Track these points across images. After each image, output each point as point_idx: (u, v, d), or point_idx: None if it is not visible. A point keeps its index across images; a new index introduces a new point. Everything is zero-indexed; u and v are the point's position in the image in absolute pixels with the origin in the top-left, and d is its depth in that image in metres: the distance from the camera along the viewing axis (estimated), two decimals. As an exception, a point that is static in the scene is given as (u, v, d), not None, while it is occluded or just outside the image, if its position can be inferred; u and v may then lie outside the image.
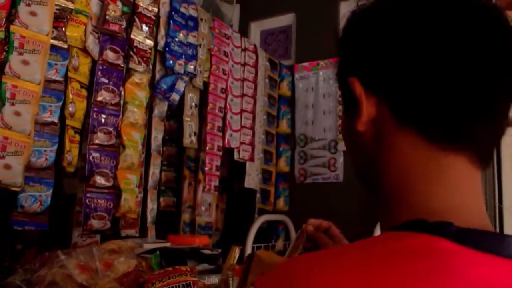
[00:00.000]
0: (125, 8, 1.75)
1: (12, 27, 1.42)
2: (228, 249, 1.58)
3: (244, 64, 2.34)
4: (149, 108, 1.90)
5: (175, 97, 1.95)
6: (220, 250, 1.44)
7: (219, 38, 2.20)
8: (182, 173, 2.16)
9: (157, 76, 1.91)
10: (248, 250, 2.03)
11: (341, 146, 2.57)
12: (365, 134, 0.56)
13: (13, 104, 1.41)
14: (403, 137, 0.53)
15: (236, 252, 1.55)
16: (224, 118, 2.20)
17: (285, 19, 2.96)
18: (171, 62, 1.92)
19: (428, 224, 0.47)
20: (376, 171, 0.56)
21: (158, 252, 1.21)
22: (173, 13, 1.95)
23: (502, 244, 0.46)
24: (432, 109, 0.50)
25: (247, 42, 2.37)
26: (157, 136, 1.95)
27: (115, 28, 1.70)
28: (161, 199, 2.04)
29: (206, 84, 2.12)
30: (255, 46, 2.44)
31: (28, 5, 1.45)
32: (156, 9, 1.88)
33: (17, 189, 1.44)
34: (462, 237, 0.45)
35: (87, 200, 1.63)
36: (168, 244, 1.50)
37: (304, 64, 2.77)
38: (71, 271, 1.19)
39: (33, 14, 1.46)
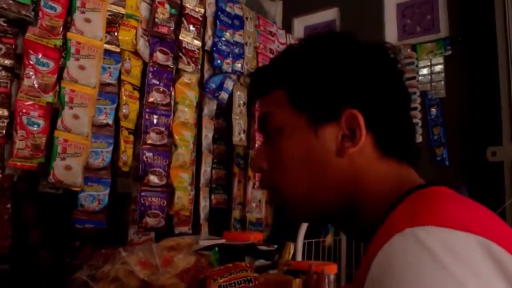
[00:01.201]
0: (173, 10, 1.79)
1: (69, 34, 1.48)
2: (281, 245, 1.59)
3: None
4: (199, 107, 1.94)
5: (224, 95, 1.97)
6: (276, 246, 1.45)
7: (265, 36, 2.21)
8: (232, 170, 2.18)
9: (206, 75, 1.94)
10: (300, 246, 2.04)
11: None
12: (343, 160, 0.66)
13: (71, 108, 1.47)
14: (383, 162, 0.67)
15: (291, 248, 1.56)
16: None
17: (329, 14, 2.94)
18: (218, 61, 1.95)
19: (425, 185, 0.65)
20: (356, 190, 0.66)
21: (216, 248, 1.24)
22: (219, 13, 1.98)
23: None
24: (408, 142, 0.70)
25: (291, 38, 2.37)
26: (208, 134, 1.98)
27: (164, 30, 1.73)
28: (213, 196, 2.07)
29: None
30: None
31: (83, 12, 1.51)
32: (202, 10, 1.91)
33: (77, 189, 1.50)
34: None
35: (141, 199, 1.68)
36: (223, 241, 1.52)
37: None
38: (133, 267, 1.23)
39: (87, 21, 1.52)
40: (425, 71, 2.56)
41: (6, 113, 1.38)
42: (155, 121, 1.69)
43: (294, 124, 0.68)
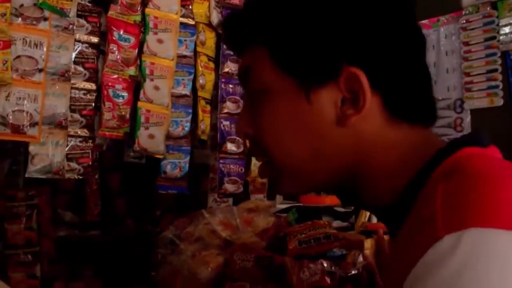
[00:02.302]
0: (243, -19, 1.82)
1: (146, 10, 1.55)
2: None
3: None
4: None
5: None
6: (353, 208, 1.47)
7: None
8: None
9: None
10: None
11: (468, 105, 2.44)
12: (345, 130, 0.55)
13: (152, 80, 1.55)
14: (394, 127, 0.57)
15: (366, 211, 1.57)
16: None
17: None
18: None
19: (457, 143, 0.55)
20: (363, 162, 0.57)
21: (294, 209, 1.27)
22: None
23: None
24: (423, 100, 0.59)
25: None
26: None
27: (235, 1, 1.77)
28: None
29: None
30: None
31: (159, -13, 1.57)
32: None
33: (160, 157, 1.58)
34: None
35: (221, 166, 1.74)
36: (300, 204, 1.56)
37: (423, 21, 2.65)
38: (215, 227, 1.29)
39: (163, -5, 1.58)
40: (507, 29, 2.43)
41: (94, 87, 1.48)
42: (230, 90, 1.74)
43: (280, 87, 0.57)
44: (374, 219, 1.97)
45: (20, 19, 1.35)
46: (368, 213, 1.54)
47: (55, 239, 1.91)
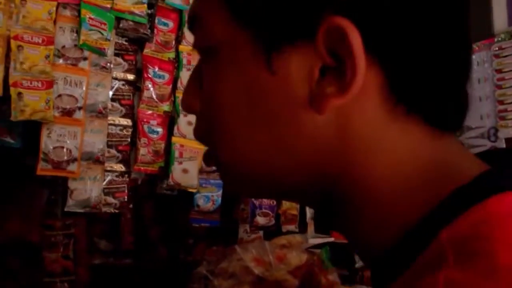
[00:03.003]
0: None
1: (180, 47, 1.60)
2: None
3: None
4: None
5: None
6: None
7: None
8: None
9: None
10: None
11: (503, 133, 2.40)
12: (322, 118, 0.36)
13: (186, 115, 1.59)
14: (403, 127, 0.36)
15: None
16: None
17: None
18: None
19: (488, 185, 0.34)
20: (348, 171, 0.37)
21: (328, 247, 1.28)
22: None
23: None
24: (452, 91, 0.38)
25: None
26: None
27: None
28: (318, 195, 2.11)
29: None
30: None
31: (193, 25, 1.62)
32: None
33: (194, 191, 1.61)
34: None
35: (252, 199, 1.76)
36: (332, 239, 1.56)
37: (454, 49, 2.64)
38: (248, 263, 1.31)
39: (197, 33, 1.62)
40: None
41: (130, 122, 1.53)
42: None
43: (233, 46, 0.38)
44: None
45: (61, 59, 1.41)
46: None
47: (90, 267, 1.95)
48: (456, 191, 0.34)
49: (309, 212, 2.03)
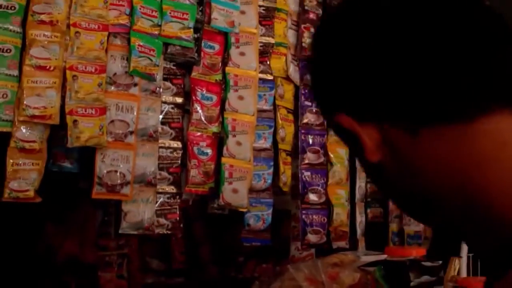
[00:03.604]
0: (319, 33, 1.85)
1: (227, 69, 1.63)
2: (444, 259, 1.55)
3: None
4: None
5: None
6: (441, 262, 1.42)
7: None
8: (386, 184, 2.16)
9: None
10: (464, 261, 1.94)
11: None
12: (386, 162, 0.49)
13: (234, 136, 1.61)
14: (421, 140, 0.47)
15: (456, 264, 1.51)
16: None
17: None
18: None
19: None
20: (435, 192, 0.47)
21: (381, 265, 1.26)
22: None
23: None
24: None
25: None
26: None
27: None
28: (368, 211, 2.08)
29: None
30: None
31: (237, 47, 1.64)
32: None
33: (244, 210, 1.62)
34: None
35: (303, 216, 1.75)
36: (385, 256, 1.53)
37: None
38: (301, 283, 1.30)
39: (242, 54, 1.65)
40: None
41: (180, 145, 1.56)
42: (310, 141, 1.76)
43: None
44: (464, 273, 1.89)
45: (113, 86, 1.46)
46: (457, 267, 1.48)
47: (143, 286, 1.99)
48: None
49: (359, 228, 2.00)
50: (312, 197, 1.75)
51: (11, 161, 1.33)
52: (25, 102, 1.32)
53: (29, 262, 1.83)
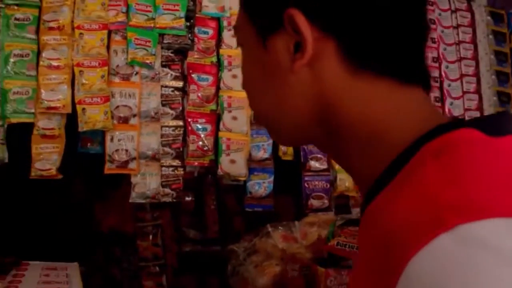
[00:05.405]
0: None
1: (221, 51, 1.78)
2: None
3: (457, 26, 2.21)
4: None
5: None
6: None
7: (422, 8, 2.15)
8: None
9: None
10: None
11: None
12: (300, 75, 0.50)
13: (230, 111, 1.76)
14: (361, 78, 0.49)
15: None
16: (441, 87, 2.14)
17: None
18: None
19: (449, 125, 0.47)
20: (332, 116, 0.51)
21: (335, 221, 1.34)
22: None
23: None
24: (396, 47, 0.50)
25: (457, 1, 2.23)
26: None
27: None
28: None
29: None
30: (468, 3, 2.27)
31: (230, 30, 1.78)
32: None
33: (243, 179, 1.77)
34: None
35: (305, 184, 1.86)
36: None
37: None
38: (276, 240, 1.43)
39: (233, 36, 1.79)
40: None
41: (181, 123, 1.75)
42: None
43: (247, 38, 0.55)
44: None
45: (116, 77, 1.68)
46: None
47: (180, 254, 2.22)
48: (437, 127, 0.47)
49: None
50: (314, 164, 1.85)
51: (35, 146, 1.61)
52: (42, 97, 1.59)
53: (81, 234, 2.15)
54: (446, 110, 2.13)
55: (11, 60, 1.59)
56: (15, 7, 1.60)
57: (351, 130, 0.50)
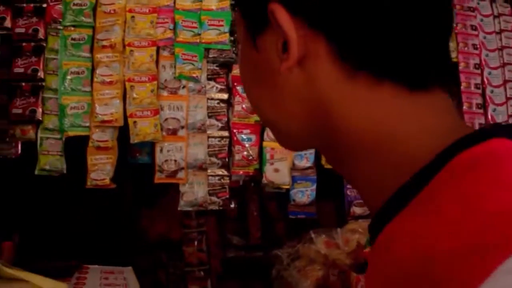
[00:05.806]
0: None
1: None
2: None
3: (500, 32, 2.20)
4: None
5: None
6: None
7: (462, 14, 2.15)
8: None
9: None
10: None
11: None
12: (291, 77, 0.44)
13: (273, 122, 1.82)
14: (358, 82, 0.42)
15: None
16: (483, 94, 2.13)
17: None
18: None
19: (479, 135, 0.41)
20: (330, 123, 0.44)
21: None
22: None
23: None
24: (401, 49, 0.42)
25: (500, 6, 2.23)
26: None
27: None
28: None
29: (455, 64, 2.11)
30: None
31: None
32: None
33: (287, 187, 1.83)
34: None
35: (348, 191, 1.90)
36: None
37: None
38: (318, 246, 1.48)
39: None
40: None
41: (226, 134, 1.82)
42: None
43: (242, 37, 0.50)
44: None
45: (165, 90, 1.77)
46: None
47: (224, 259, 2.29)
48: (461, 139, 0.40)
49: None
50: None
51: (90, 157, 1.71)
52: (96, 111, 1.70)
53: (128, 240, 2.25)
54: (489, 116, 2.12)
55: (68, 77, 1.70)
56: (72, 28, 1.71)
57: (352, 138, 0.44)
